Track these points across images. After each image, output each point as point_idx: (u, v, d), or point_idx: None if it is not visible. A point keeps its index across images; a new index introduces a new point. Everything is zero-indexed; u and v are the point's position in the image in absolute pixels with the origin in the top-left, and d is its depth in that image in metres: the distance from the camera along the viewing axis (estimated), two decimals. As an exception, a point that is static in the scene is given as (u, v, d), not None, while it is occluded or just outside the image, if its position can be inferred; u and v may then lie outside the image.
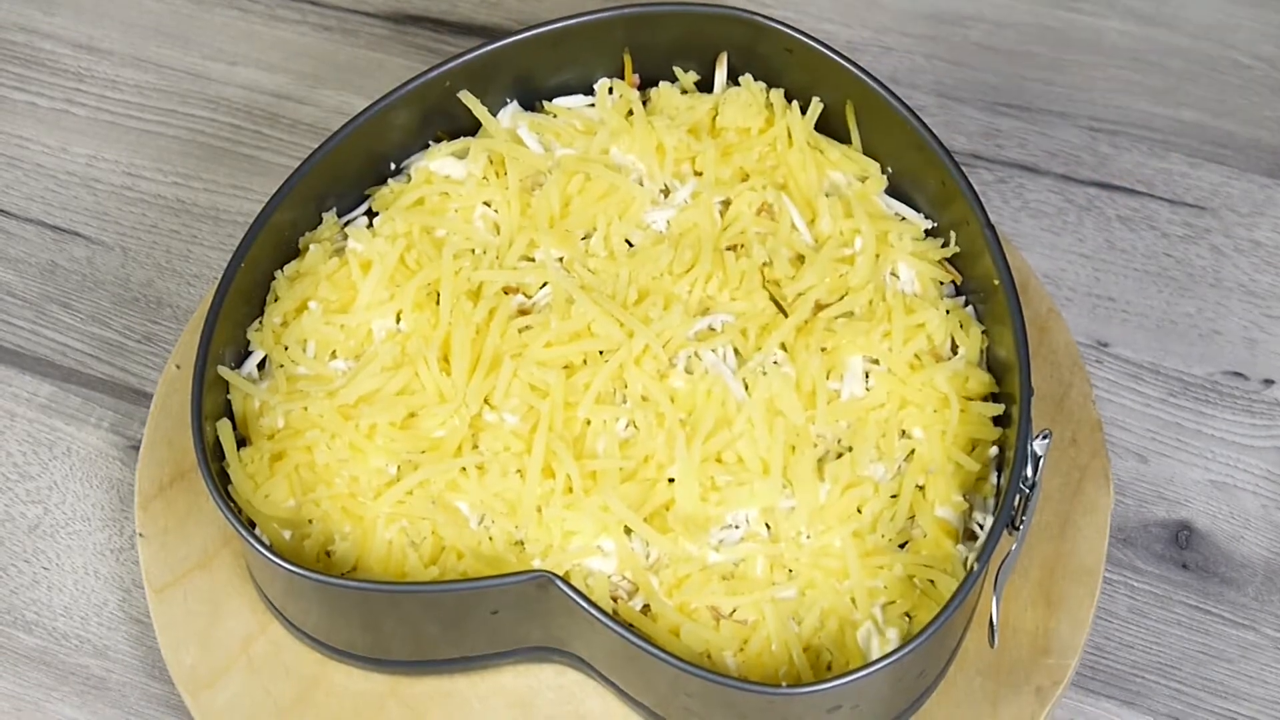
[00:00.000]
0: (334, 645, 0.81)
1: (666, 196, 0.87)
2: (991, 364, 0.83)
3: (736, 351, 0.83)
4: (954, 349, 0.84)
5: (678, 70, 0.90)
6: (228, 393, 0.82)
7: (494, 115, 0.89)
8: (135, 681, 0.86)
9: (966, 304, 0.85)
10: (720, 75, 0.90)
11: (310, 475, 0.81)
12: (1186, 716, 0.84)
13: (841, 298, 0.84)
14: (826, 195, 0.87)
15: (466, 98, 0.88)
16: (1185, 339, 0.95)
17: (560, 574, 0.76)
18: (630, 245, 0.86)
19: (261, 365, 0.84)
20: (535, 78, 0.90)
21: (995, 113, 1.03)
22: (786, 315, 0.83)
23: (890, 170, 0.87)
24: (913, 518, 0.79)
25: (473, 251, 0.85)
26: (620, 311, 0.83)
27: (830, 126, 0.88)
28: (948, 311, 0.83)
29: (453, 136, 0.89)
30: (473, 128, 0.89)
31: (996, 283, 0.80)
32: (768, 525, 0.79)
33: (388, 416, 0.81)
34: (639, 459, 0.79)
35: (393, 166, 0.89)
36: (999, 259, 0.80)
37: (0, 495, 0.91)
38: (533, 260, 0.85)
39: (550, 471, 0.80)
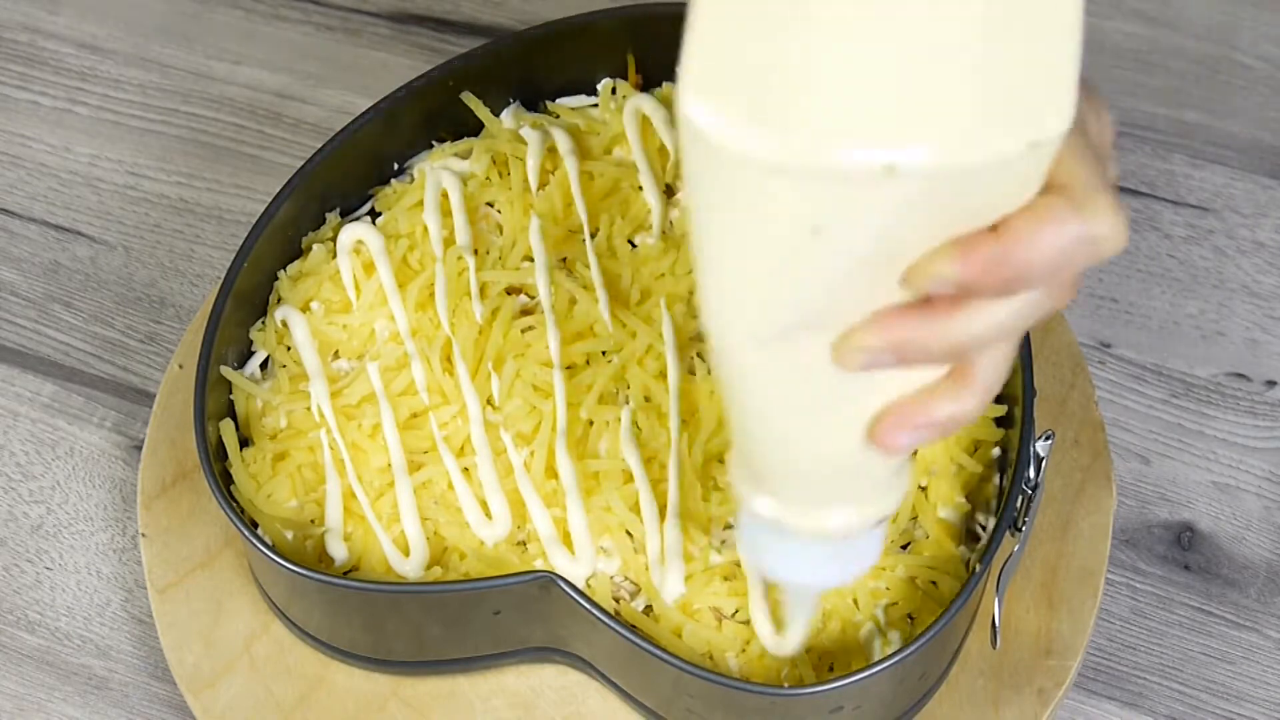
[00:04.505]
0: (336, 645, 0.81)
1: (670, 197, 0.87)
2: (994, 365, 0.83)
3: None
4: (956, 350, 0.83)
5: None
6: (230, 393, 0.82)
7: (496, 115, 0.89)
8: (137, 681, 0.86)
9: (969, 305, 0.85)
10: (723, 76, 0.90)
11: (313, 475, 0.81)
12: (1188, 718, 0.84)
13: (844, 299, 0.84)
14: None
15: (469, 99, 0.88)
16: (1188, 340, 0.95)
17: (562, 575, 0.76)
18: (633, 246, 0.86)
19: (264, 365, 0.84)
20: (538, 78, 0.90)
21: (998, 113, 1.03)
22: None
23: (893, 171, 0.87)
24: (915, 519, 0.79)
25: (475, 252, 0.85)
26: (623, 312, 0.83)
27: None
28: (950, 312, 0.83)
29: (456, 137, 0.89)
30: (476, 128, 0.89)
31: (999, 284, 0.80)
32: (770, 526, 0.79)
33: (390, 416, 0.81)
34: (641, 459, 0.79)
35: (396, 166, 0.89)
36: (1002, 260, 0.80)
37: (3, 495, 0.92)
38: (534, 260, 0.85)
39: (553, 472, 0.80)
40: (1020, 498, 0.76)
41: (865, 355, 0.54)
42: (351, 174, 0.87)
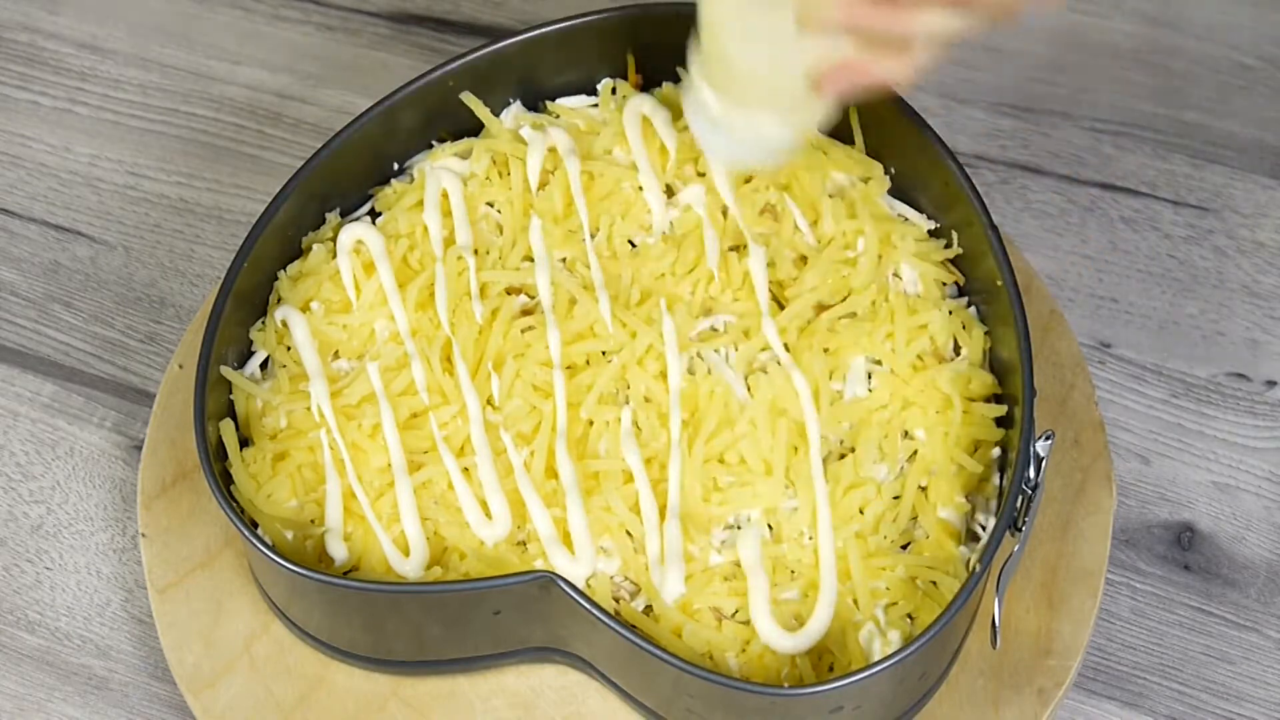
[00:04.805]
0: (336, 645, 0.81)
1: (670, 197, 0.87)
2: (994, 365, 0.83)
3: (738, 351, 0.83)
4: (956, 350, 0.84)
5: (681, 70, 0.90)
6: (230, 393, 0.82)
7: (497, 115, 0.89)
8: (138, 681, 0.86)
9: (969, 305, 0.85)
10: (723, 76, 0.90)
11: (313, 475, 0.81)
12: (1188, 718, 0.84)
13: (844, 299, 0.84)
14: (830, 196, 0.87)
15: (469, 99, 0.88)
16: (1188, 340, 0.95)
17: (562, 575, 0.76)
18: (633, 246, 0.86)
19: (264, 365, 0.84)
20: (538, 78, 0.90)
21: (998, 114, 1.03)
22: (782, 307, 0.83)
23: (893, 171, 0.87)
24: (915, 519, 0.79)
25: (476, 252, 0.85)
26: (623, 312, 0.83)
27: (833, 127, 0.88)
28: (950, 312, 0.83)
29: (456, 137, 0.89)
30: (476, 128, 0.89)
31: (999, 284, 0.80)
32: (770, 526, 0.79)
33: (390, 416, 0.81)
34: (641, 459, 0.79)
35: (396, 166, 0.89)
36: (1002, 260, 0.80)
37: (4, 495, 0.92)
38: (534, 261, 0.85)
39: (553, 472, 0.80)
40: (1020, 498, 0.76)
41: (825, 24, 0.68)
42: (351, 174, 0.87)
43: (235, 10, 1.09)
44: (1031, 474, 0.75)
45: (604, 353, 0.82)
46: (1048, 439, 0.75)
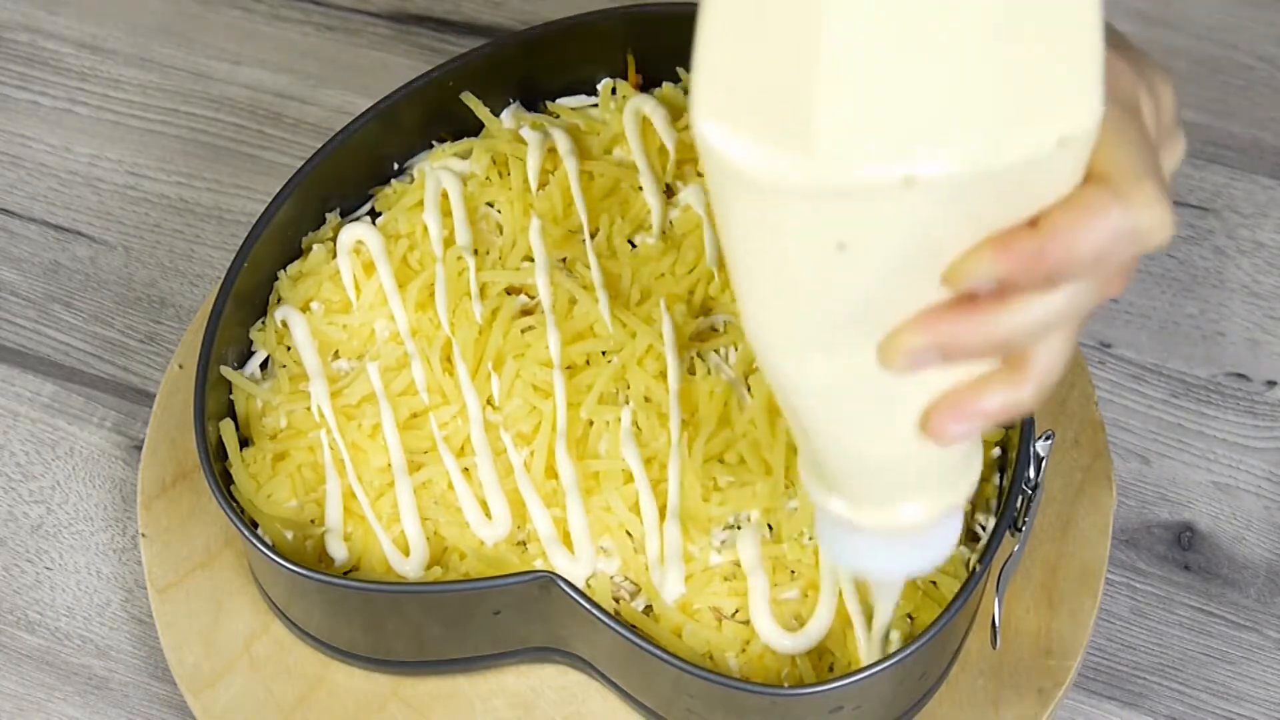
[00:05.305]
0: (336, 645, 0.81)
1: (670, 197, 0.87)
2: (994, 365, 0.83)
3: (738, 350, 0.83)
4: (956, 350, 0.83)
5: (681, 70, 0.90)
6: (230, 393, 0.82)
7: (496, 115, 0.89)
8: (137, 681, 0.86)
9: (969, 305, 0.85)
10: (723, 76, 0.90)
11: (313, 475, 0.81)
12: (1188, 718, 0.84)
13: (844, 299, 0.84)
14: (829, 196, 0.87)
15: (469, 99, 0.88)
16: (1188, 340, 0.95)
17: (562, 575, 0.76)
18: (633, 246, 0.86)
19: (264, 365, 0.84)
20: (538, 78, 0.90)
21: (998, 113, 1.03)
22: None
23: (893, 171, 0.87)
24: (915, 519, 0.79)
25: (475, 252, 0.85)
26: (623, 312, 0.83)
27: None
28: (950, 312, 0.83)
29: (456, 137, 0.89)
30: (476, 127, 0.89)
31: (999, 284, 0.80)
32: (770, 526, 0.79)
33: (390, 416, 0.81)
34: (641, 459, 0.79)
35: (396, 166, 0.89)
36: (1002, 260, 0.80)
37: (3, 495, 0.92)
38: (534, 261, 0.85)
39: (553, 472, 0.80)
40: (1020, 498, 0.76)
41: (910, 356, 0.53)
42: (351, 174, 0.87)
43: (235, 10, 1.09)
44: (1031, 474, 0.75)
45: (604, 353, 0.82)
46: (1048, 439, 0.75)
